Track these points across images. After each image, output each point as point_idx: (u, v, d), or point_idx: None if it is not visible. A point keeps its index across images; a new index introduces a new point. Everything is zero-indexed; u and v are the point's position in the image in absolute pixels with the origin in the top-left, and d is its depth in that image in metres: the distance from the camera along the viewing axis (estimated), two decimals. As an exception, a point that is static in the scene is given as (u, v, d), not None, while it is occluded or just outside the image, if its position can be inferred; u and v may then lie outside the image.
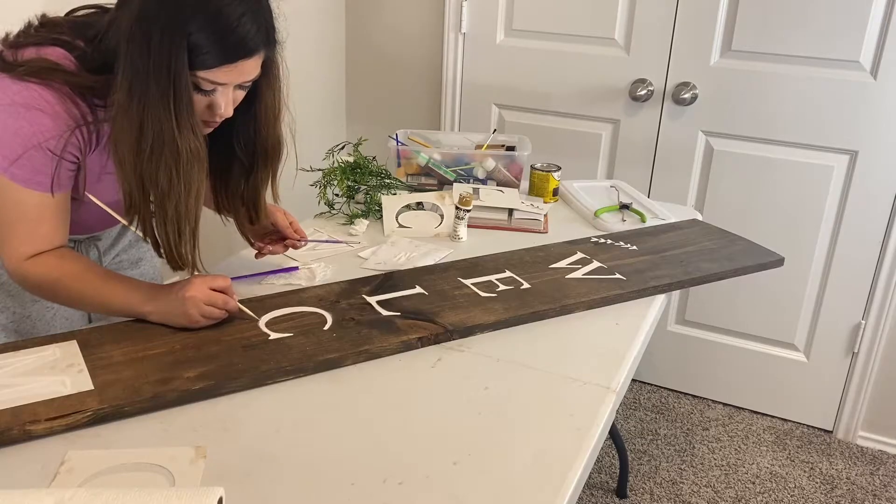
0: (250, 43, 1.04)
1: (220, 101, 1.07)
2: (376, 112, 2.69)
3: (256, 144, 1.20)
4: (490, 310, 1.26)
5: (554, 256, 1.50)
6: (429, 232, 1.63)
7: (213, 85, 1.05)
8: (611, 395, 1.08)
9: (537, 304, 1.29)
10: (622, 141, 2.36)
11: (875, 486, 2.13)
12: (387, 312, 1.24)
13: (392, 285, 1.34)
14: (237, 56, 1.03)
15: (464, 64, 2.50)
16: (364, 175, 1.74)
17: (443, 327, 1.20)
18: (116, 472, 0.88)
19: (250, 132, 1.19)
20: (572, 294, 1.34)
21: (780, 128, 2.16)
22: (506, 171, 1.87)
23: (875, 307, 2.19)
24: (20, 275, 1.13)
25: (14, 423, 0.92)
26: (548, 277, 1.40)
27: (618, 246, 1.57)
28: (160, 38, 0.99)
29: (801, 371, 2.36)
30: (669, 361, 2.53)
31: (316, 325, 1.19)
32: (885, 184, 2.09)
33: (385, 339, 1.16)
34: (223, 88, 1.06)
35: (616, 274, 1.43)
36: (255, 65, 1.07)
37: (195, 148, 1.06)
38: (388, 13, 2.55)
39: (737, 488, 2.10)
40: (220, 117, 1.09)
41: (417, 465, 0.92)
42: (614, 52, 2.29)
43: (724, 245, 1.60)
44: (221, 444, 0.94)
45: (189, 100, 1.03)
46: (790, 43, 2.08)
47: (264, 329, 1.17)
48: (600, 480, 2.13)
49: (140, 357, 1.08)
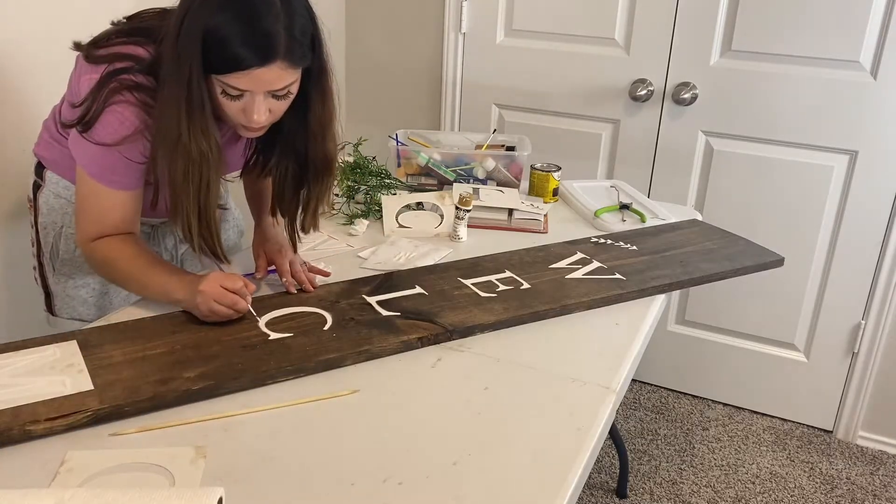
0: (264, 51, 1.04)
1: (251, 108, 1.09)
2: (376, 112, 2.69)
3: (307, 156, 1.22)
4: (490, 310, 1.26)
5: (554, 256, 1.50)
6: (429, 232, 1.63)
7: (237, 91, 1.07)
8: (611, 395, 1.08)
9: (537, 304, 1.29)
10: (622, 141, 2.36)
11: (875, 486, 2.13)
12: (387, 312, 1.24)
13: (392, 285, 1.34)
14: (249, 64, 1.04)
15: (464, 64, 2.50)
16: (364, 175, 1.74)
17: (443, 327, 1.20)
18: (116, 472, 0.88)
19: (300, 143, 1.21)
20: (572, 294, 1.34)
21: (780, 128, 2.16)
22: (506, 171, 1.87)
23: (875, 307, 2.19)
24: (87, 252, 1.24)
25: (14, 423, 0.92)
26: (548, 277, 1.40)
27: (618, 246, 1.57)
28: (182, 41, 1.04)
29: (801, 371, 2.36)
30: (669, 361, 2.53)
31: (316, 325, 1.19)
32: (885, 184, 2.09)
33: (385, 339, 1.16)
34: (250, 95, 1.08)
35: (616, 274, 1.43)
36: (278, 74, 1.06)
37: (205, 150, 1.09)
38: (388, 13, 2.55)
39: (737, 488, 2.10)
40: (255, 124, 1.10)
41: (417, 465, 0.92)
42: (614, 52, 2.29)
43: (724, 245, 1.60)
44: (221, 444, 0.94)
45: (202, 101, 1.07)
46: (790, 43, 2.08)
47: (264, 329, 1.17)
48: (600, 480, 2.13)
49: (140, 357, 1.08)
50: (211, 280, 1.16)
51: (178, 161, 1.10)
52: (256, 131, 1.15)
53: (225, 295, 1.16)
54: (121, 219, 1.21)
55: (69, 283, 1.39)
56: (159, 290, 1.21)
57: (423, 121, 2.60)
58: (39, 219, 1.37)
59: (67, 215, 1.35)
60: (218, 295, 1.15)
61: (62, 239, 1.36)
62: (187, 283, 1.18)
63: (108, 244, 1.21)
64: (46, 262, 1.39)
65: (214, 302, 1.15)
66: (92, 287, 1.41)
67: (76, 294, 1.40)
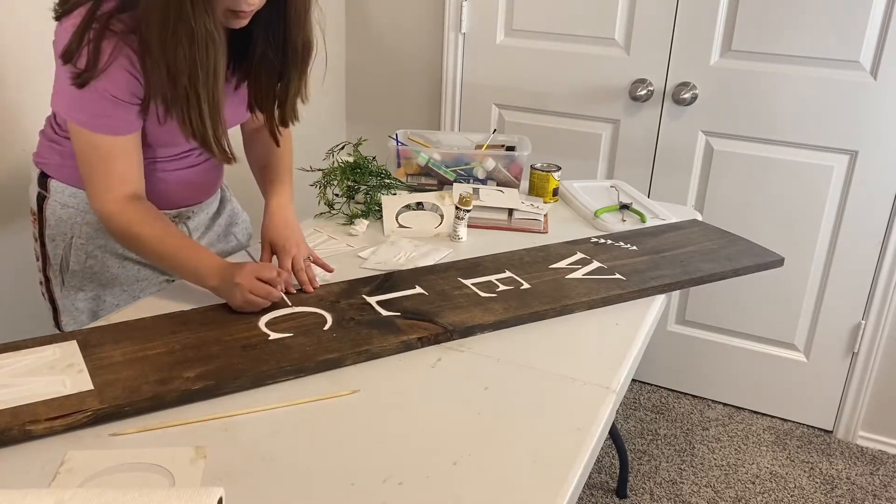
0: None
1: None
2: (376, 112, 2.69)
3: (286, 43, 1.23)
4: (490, 310, 1.26)
5: (554, 257, 1.50)
6: (429, 232, 1.63)
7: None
8: (611, 395, 1.08)
9: (537, 304, 1.29)
10: (622, 141, 2.36)
11: (875, 486, 2.13)
12: (387, 312, 1.24)
13: (392, 285, 1.34)
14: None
15: (464, 64, 2.50)
16: (364, 175, 1.74)
17: (443, 327, 1.20)
18: (116, 472, 0.88)
19: (279, 30, 1.22)
20: (572, 294, 1.34)
21: (780, 128, 2.16)
22: (506, 171, 1.87)
23: (875, 307, 2.19)
24: (104, 216, 1.23)
25: (14, 423, 0.92)
26: (548, 277, 1.40)
27: (618, 246, 1.57)
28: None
29: (801, 371, 2.36)
30: (669, 361, 2.53)
31: (316, 325, 1.19)
32: (885, 184, 2.09)
33: (385, 340, 1.16)
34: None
35: (616, 274, 1.43)
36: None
37: (210, 29, 1.10)
38: (388, 13, 2.55)
39: (737, 488, 2.10)
40: (246, 5, 1.12)
41: (417, 465, 0.92)
42: (614, 52, 2.29)
43: (724, 245, 1.60)
44: (221, 444, 0.94)
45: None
46: (790, 43, 2.08)
47: (264, 329, 1.17)
48: (600, 480, 2.13)
49: (140, 357, 1.08)
50: (246, 273, 1.19)
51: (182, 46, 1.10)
52: (246, 16, 1.15)
53: (261, 287, 1.19)
54: (126, 168, 1.22)
55: (79, 295, 1.38)
56: (190, 274, 1.24)
57: (423, 121, 2.60)
58: (46, 231, 1.35)
59: (77, 225, 1.34)
60: (254, 287, 1.19)
61: (72, 250, 1.35)
62: (220, 271, 1.21)
63: (130, 217, 1.22)
64: (54, 276, 1.38)
65: (250, 294, 1.19)
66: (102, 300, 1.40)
67: (85, 307, 1.39)
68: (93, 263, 1.36)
